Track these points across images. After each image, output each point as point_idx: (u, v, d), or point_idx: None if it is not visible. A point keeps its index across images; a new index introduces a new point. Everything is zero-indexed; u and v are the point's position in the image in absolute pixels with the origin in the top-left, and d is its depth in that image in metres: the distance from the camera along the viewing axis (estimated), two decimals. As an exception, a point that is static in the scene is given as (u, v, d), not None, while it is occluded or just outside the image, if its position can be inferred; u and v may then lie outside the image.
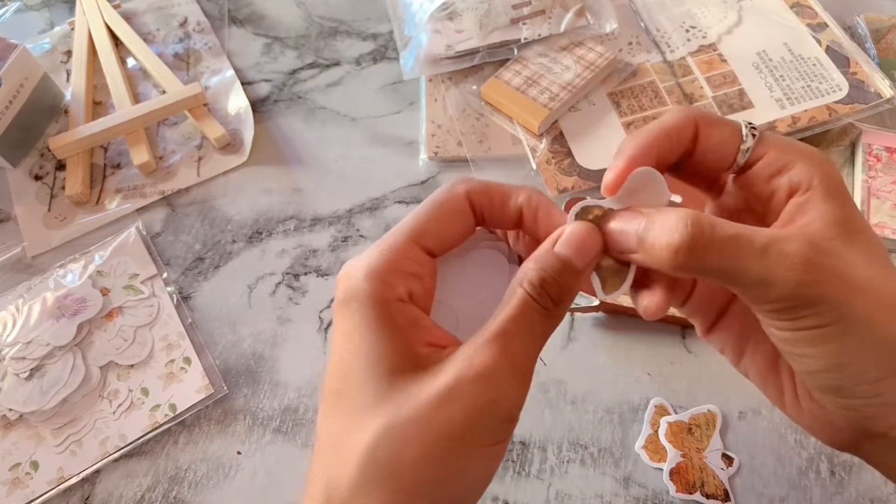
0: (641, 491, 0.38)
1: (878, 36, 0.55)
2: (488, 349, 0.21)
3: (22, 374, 0.42)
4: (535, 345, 0.22)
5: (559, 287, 0.22)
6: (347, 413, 0.21)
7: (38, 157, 0.54)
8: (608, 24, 0.54)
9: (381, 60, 0.59)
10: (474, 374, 0.20)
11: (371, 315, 0.22)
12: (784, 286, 0.20)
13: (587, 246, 0.23)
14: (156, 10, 0.63)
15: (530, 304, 0.21)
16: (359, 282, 0.22)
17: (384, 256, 0.22)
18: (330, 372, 0.22)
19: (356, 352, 0.21)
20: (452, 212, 0.24)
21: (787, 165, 0.23)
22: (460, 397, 0.20)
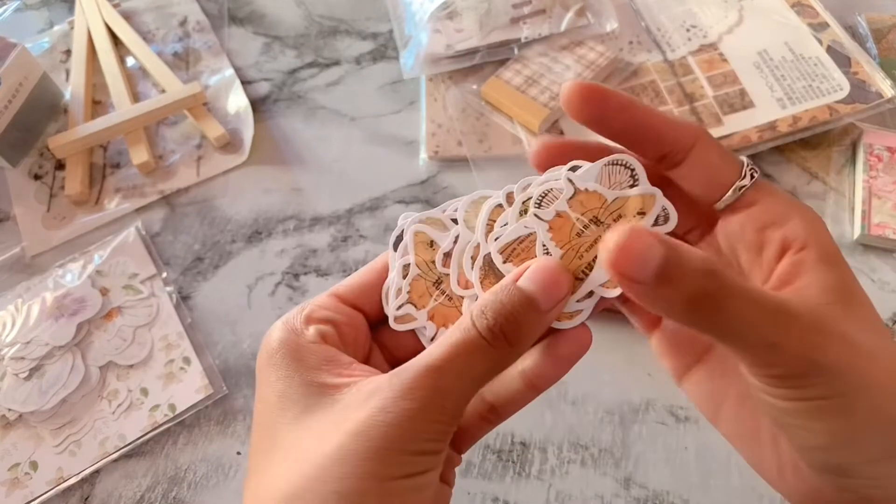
0: (642, 492, 0.38)
1: (879, 35, 0.55)
2: (412, 383, 0.19)
3: (21, 375, 0.42)
4: (471, 386, 0.20)
5: (516, 326, 0.19)
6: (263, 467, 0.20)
7: (38, 156, 0.54)
8: (609, 23, 0.54)
9: (381, 60, 0.59)
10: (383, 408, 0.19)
11: (285, 360, 0.21)
12: (791, 351, 0.18)
13: (557, 286, 0.20)
14: (155, 9, 0.63)
15: (476, 340, 0.19)
16: (273, 335, 0.22)
17: (297, 309, 0.23)
18: (252, 434, 0.22)
19: (272, 402, 0.21)
20: (379, 269, 0.24)
21: (783, 218, 0.20)
22: (368, 431, 0.18)
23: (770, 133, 0.48)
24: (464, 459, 0.39)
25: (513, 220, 0.22)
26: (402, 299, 0.23)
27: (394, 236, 0.24)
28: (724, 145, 0.48)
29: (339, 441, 0.19)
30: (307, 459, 0.19)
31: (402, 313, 0.23)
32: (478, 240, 0.22)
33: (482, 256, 0.22)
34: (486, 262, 0.22)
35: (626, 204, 0.21)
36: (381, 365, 0.24)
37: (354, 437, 0.18)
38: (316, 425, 0.20)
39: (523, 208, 0.22)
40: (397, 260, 0.23)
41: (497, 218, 0.22)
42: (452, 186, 0.51)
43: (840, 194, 0.48)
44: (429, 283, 0.23)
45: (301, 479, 0.19)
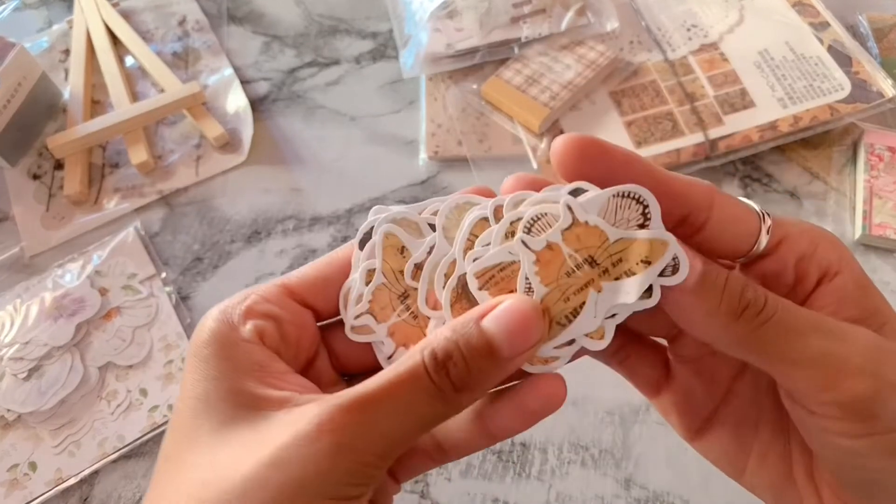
0: (643, 492, 0.38)
1: (880, 35, 0.55)
2: (342, 416, 0.16)
3: (20, 375, 0.42)
4: (409, 427, 0.17)
5: (468, 372, 0.17)
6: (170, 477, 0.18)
7: (37, 156, 0.54)
8: (609, 22, 0.54)
9: (380, 59, 0.58)
10: (306, 437, 0.16)
11: (210, 357, 0.19)
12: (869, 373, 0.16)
13: (526, 333, 0.17)
14: (154, 9, 0.63)
15: (422, 379, 0.17)
16: (206, 323, 0.19)
17: (238, 297, 0.20)
18: (166, 434, 0.19)
19: (191, 404, 0.18)
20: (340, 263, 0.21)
21: (811, 245, 0.19)
22: (281, 462, 0.16)
23: (771, 133, 0.48)
24: (463, 460, 0.39)
25: (496, 242, 0.19)
26: (361, 308, 0.20)
27: (361, 232, 0.20)
28: (726, 145, 0.48)
29: (250, 469, 0.16)
30: (213, 484, 0.16)
31: (360, 323, 0.20)
32: (455, 255, 0.19)
33: (457, 276, 0.19)
34: (461, 283, 0.19)
35: (629, 247, 0.18)
36: (326, 372, 0.21)
37: (267, 468, 0.16)
38: (233, 443, 0.17)
39: (511, 230, 0.19)
40: (362, 261, 0.20)
41: (480, 233, 0.19)
42: (452, 186, 0.51)
43: (841, 194, 0.48)
44: (394, 295, 0.20)
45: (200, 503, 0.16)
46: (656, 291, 0.18)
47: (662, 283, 0.18)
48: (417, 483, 0.39)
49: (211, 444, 0.18)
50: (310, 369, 0.21)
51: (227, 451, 0.17)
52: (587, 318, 0.18)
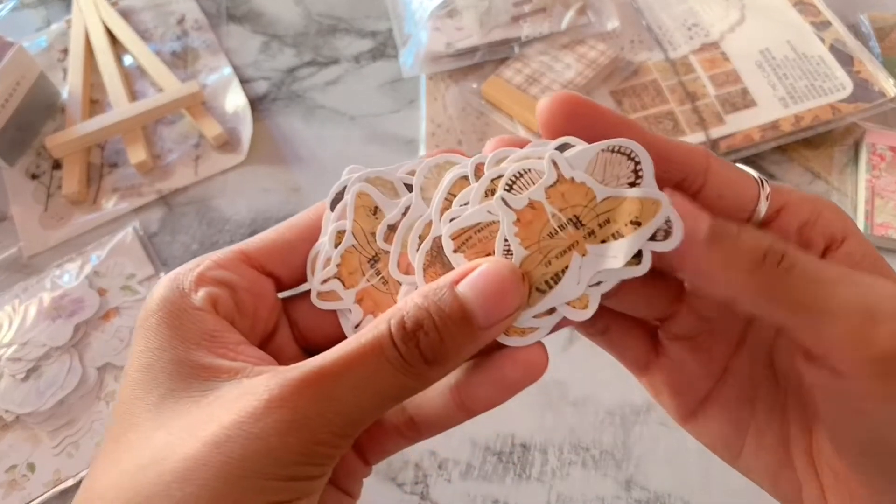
0: (643, 493, 0.38)
1: (882, 34, 0.54)
2: (286, 387, 0.15)
3: (18, 376, 0.42)
4: (370, 401, 0.16)
5: (440, 342, 0.15)
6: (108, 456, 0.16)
7: (35, 156, 0.54)
8: (610, 21, 0.54)
9: (380, 58, 0.58)
10: (253, 411, 0.15)
11: (157, 326, 0.17)
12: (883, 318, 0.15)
13: (504, 300, 0.16)
14: (153, 8, 0.62)
15: (388, 349, 0.15)
16: (156, 291, 0.18)
17: (192, 264, 0.18)
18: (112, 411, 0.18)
19: (134, 376, 0.17)
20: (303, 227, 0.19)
21: (815, 213, 0.19)
22: (225, 440, 0.15)
23: (772, 132, 0.48)
24: (464, 461, 0.39)
25: (475, 201, 0.17)
26: (328, 272, 0.19)
27: (333, 192, 0.19)
28: (727, 144, 0.48)
29: (191, 450, 0.15)
30: (150, 467, 0.15)
31: (327, 289, 0.19)
32: (431, 216, 0.18)
33: (432, 238, 0.18)
34: (436, 246, 0.18)
35: (618, 207, 0.16)
36: (287, 346, 0.20)
37: (209, 448, 0.15)
38: (174, 421, 0.16)
39: (491, 188, 0.17)
40: (332, 223, 0.19)
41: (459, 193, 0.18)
42: (452, 186, 0.51)
43: (843, 194, 0.48)
44: (363, 258, 0.19)
45: (136, 489, 0.15)
46: (646, 257, 0.16)
47: (653, 249, 0.16)
48: (417, 484, 0.39)
49: (150, 422, 0.16)
50: (269, 343, 0.19)
51: (166, 430, 0.16)
52: (570, 284, 0.17)
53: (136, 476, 0.15)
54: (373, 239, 0.19)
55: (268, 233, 0.19)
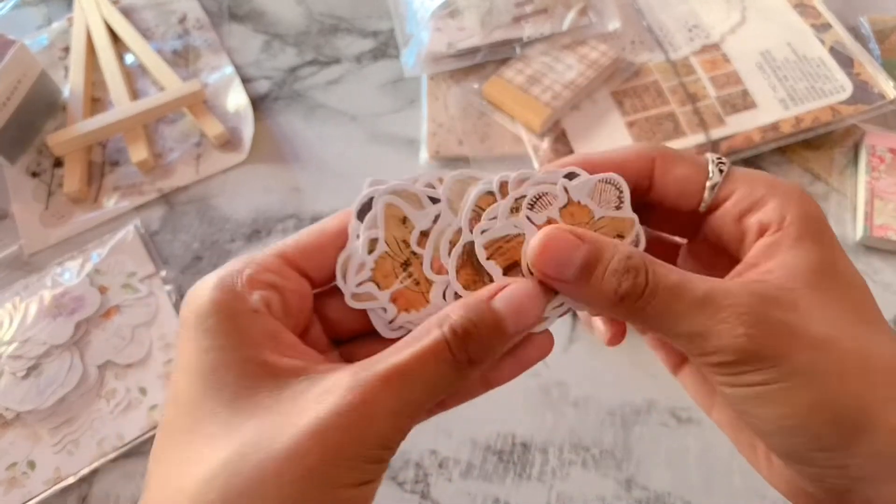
0: (644, 493, 0.38)
1: (881, 36, 0.55)
2: (373, 383, 0.17)
3: (19, 373, 0.42)
4: (431, 394, 0.19)
5: (481, 346, 0.19)
6: (184, 449, 0.18)
7: (36, 154, 0.54)
8: (611, 22, 0.54)
9: (381, 58, 0.58)
10: (347, 406, 0.17)
11: (217, 328, 0.18)
12: (720, 339, 0.18)
13: (529, 311, 0.19)
14: (155, 7, 0.62)
15: (444, 352, 0.18)
16: (205, 292, 0.19)
17: (238, 266, 0.20)
18: (167, 407, 0.19)
19: (200, 376, 0.18)
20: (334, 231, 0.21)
21: (759, 202, 0.20)
22: (325, 436, 0.17)
23: (772, 134, 0.48)
24: (464, 460, 0.39)
25: (503, 216, 0.21)
26: (364, 276, 0.21)
27: (359, 202, 0.21)
28: (727, 145, 0.48)
29: (290, 439, 0.17)
30: (249, 455, 0.17)
31: (363, 291, 0.21)
32: (460, 224, 0.21)
33: (462, 244, 0.21)
34: (466, 250, 0.21)
35: (608, 224, 0.21)
36: (321, 340, 0.22)
37: (309, 437, 0.17)
38: (257, 414, 0.17)
39: (515, 205, 0.21)
40: (364, 232, 0.21)
41: (485, 206, 0.21)
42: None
43: (842, 195, 0.48)
44: (396, 263, 0.21)
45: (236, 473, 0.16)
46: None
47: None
48: (418, 483, 0.39)
49: (229, 417, 0.17)
50: (305, 337, 0.21)
51: (255, 423, 0.17)
52: None
53: (235, 466, 0.17)
54: (404, 245, 0.21)
55: (301, 236, 0.21)
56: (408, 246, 0.21)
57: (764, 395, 0.19)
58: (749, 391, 0.19)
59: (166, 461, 0.18)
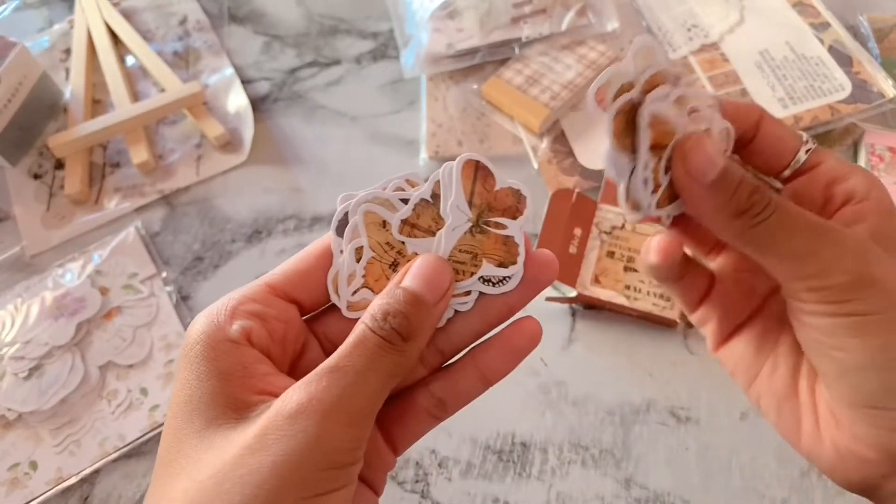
0: (643, 492, 0.38)
1: (880, 35, 0.55)
2: (308, 386, 0.18)
3: (20, 374, 0.42)
4: (375, 382, 0.19)
5: (407, 321, 0.19)
6: (161, 482, 0.19)
7: (37, 155, 0.54)
8: (610, 22, 0.54)
9: (381, 59, 0.58)
10: (287, 414, 0.17)
11: (197, 359, 0.19)
12: (840, 261, 0.19)
13: (439, 280, 0.20)
14: (155, 8, 0.63)
15: (370, 337, 0.19)
16: (195, 324, 0.20)
17: (225, 299, 0.21)
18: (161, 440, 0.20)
19: (178, 407, 0.19)
20: (317, 255, 0.22)
21: (846, 175, 0.22)
22: (268, 444, 0.17)
23: (771, 133, 0.48)
24: (464, 460, 0.39)
25: (670, 102, 0.22)
26: (357, 284, 0.22)
27: (336, 220, 0.22)
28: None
29: (241, 459, 0.17)
30: (208, 479, 0.17)
31: (358, 298, 0.22)
32: (634, 78, 0.21)
33: (631, 96, 0.21)
34: (628, 105, 0.21)
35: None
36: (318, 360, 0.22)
37: (258, 454, 0.17)
38: (220, 441, 0.18)
39: (678, 99, 0.22)
40: (347, 244, 0.22)
41: (654, 83, 0.22)
42: (453, 186, 0.51)
43: (841, 194, 0.48)
44: (384, 265, 0.22)
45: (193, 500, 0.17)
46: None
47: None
48: (418, 483, 0.39)
49: (196, 446, 0.18)
50: (300, 360, 0.22)
51: (215, 450, 0.18)
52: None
53: (198, 491, 0.17)
54: (388, 248, 0.22)
55: (286, 264, 0.22)
56: (392, 247, 0.22)
57: (864, 325, 0.19)
58: (848, 320, 0.19)
59: (153, 491, 0.19)
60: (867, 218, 0.21)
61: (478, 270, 0.22)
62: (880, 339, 0.19)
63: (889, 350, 0.19)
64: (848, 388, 0.21)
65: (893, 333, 0.19)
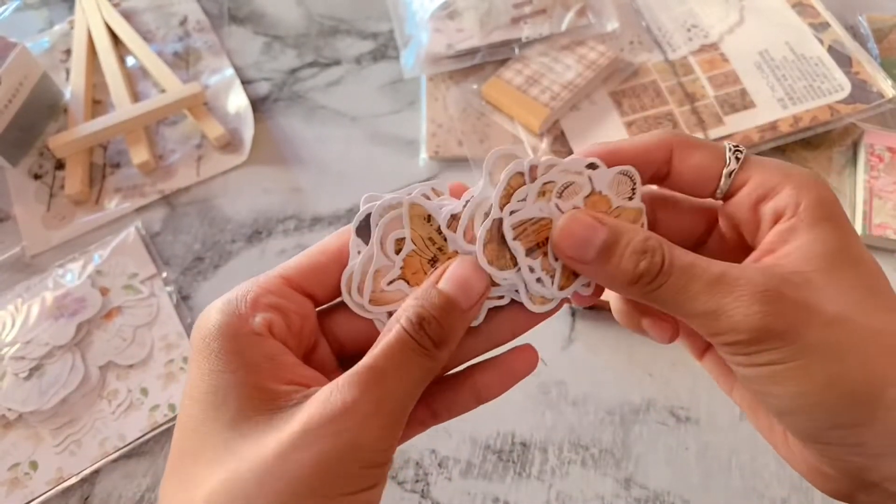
0: (643, 492, 0.38)
1: (880, 35, 0.55)
2: (351, 387, 0.18)
3: (21, 374, 0.42)
4: (410, 386, 0.19)
5: (440, 327, 0.20)
6: (189, 471, 0.18)
7: (38, 156, 0.54)
8: (609, 23, 0.54)
9: (381, 59, 0.58)
10: (330, 414, 0.18)
11: (220, 351, 0.19)
12: (734, 317, 0.19)
13: (474, 285, 0.20)
14: (155, 9, 0.63)
15: (407, 341, 0.19)
16: (211, 316, 0.20)
17: (242, 289, 0.20)
18: (175, 430, 0.20)
19: (202, 398, 0.19)
20: (334, 250, 0.22)
21: (774, 190, 0.21)
22: (312, 442, 0.17)
23: (771, 133, 0.48)
24: (464, 459, 0.39)
25: (532, 199, 0.21)
26: (393, 275, 0.22)
27: (357, 220, 0.22)
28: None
29: (284, 452, 0.17)
30: (243, 470, 0.17)
31: (393, 289, 0.22)
32: (492, 201, 0.21)
33: (491, 219, 0.21)
34: (495, 226, 0.21)
35: (622, 213, 0.22)
36: (327, 357, 0.22)
37: (303, 450, 0.17)
38: (257, 433, 0.18)
39: (543, 189, 0.22)
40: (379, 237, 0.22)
41: (516, 186, 0.21)
42: (453, 186, 0.51)
43: (841, 194, 0.48)
44: (424, 259, 0.22)
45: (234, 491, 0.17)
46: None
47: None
48: (418, 482, 0.39)
49: (228, 439, 0.18)
50: (312, 356, 0.22)
51: (253, 442, 0.18)
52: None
53: (238, 482, 0.17)
54: (430, 243, 0.22)
55: (301, 257, 0.22)
56: (434, 243, 0.22)
57: (779, 373, 0.19)
58: (763, 370, 0.19)
59: (174, 483, 0.19)
60: (796, 237, 0.20)
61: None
62: (797, 387, 0.19)
63: (807, 395, 0.19)
64: (788, 426, 0.20)
65: (807, 377, 0.18)
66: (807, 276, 0.19)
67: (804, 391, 0.19)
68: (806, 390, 0.18)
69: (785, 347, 0.18)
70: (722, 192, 0.22)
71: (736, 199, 0.22)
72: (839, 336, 0.18)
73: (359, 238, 0.22)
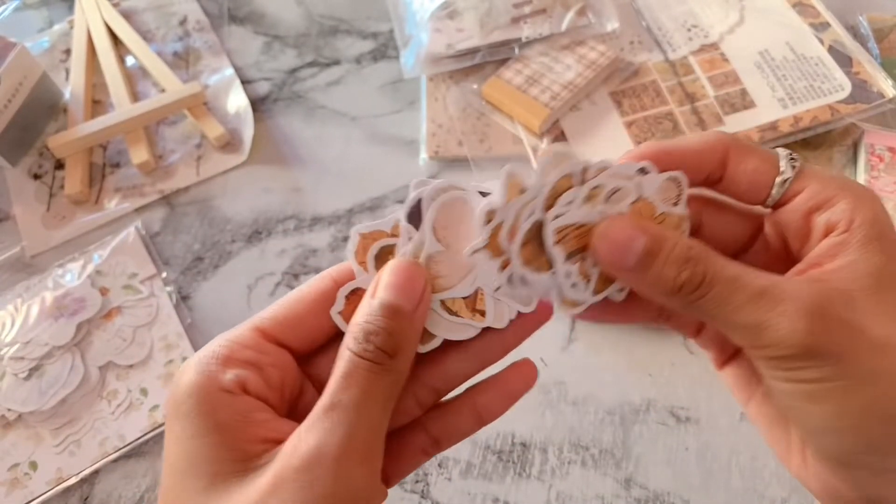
0: (643, 492, 0.38)
1: (880, 35, 0.55)
2: (314, 432, 0.18)
3: (21, 374, 0.42)
4: (376, 411, 0.19)
5: (389, 336, 0.19)
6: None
7: (37, 156, 0.54)
8: (609, 23, 0.54)
9: (381, 59, 0.58)
10: (298, 465, 0.17)
11: (189, 413, 0.19)
12: (778, 332, 0.18)
13: (412, 283, 0.19)
14: (155, 9, 0.63)
15: (359, 364, 0.18)
16: (184, 375, 0.19)
17: (214, 346, 0.20)
18: (158, 499, 0.19)
19: (176, 464, 0.19)
20: (311, 300, 0.21)
21: (829, 201, 0.20)
22: (285, 498, 0.17)
23: (771, 133, 0.48)
24: (464, 460, 0.39)
25: (577, 204, 0.21)
26: (479, 244, 0.20)
27: (409, 205, 0.21)
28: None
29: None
30: None
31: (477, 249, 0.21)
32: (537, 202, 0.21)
33: (532, 220, 0.21)
34: (535, 227, 0.21)
35: (666, 220, 0.22)
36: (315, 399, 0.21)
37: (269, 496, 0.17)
38: (227, 497, 0.18)
39: (590, 194, 0.21)
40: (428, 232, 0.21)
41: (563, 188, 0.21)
42: (453, 186, 0.51)
43: (841, 194, 0.48)
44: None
45: None
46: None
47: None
48: (418, 483, 0.39)
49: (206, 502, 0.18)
50: (298, 403, 0.21)
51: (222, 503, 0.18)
52: None
53: None
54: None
55: (276, 308, 0.21)
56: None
57: (818, 392, 0.18)
58: (803, 387, 0.19)
59: None
60: (846, 253, 0.19)
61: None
62: (836, 407, 0.18)
63: (845, 417, 0.18)
64: (814, 445, 0.20)
65: (848, 399, 0.18)
66: (853, 294, 0.19)
67: (842, 412, 0.18)
68: (844, 411, 0.18)
69: (828, 367, 0.18)
70: (773, 199, 0.21)
71: (788, 208, 0.21)
72: (884, 362, 0.18)
73: (409, 224, 0.21)
